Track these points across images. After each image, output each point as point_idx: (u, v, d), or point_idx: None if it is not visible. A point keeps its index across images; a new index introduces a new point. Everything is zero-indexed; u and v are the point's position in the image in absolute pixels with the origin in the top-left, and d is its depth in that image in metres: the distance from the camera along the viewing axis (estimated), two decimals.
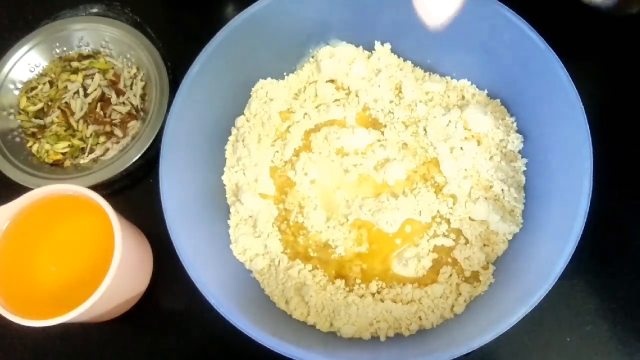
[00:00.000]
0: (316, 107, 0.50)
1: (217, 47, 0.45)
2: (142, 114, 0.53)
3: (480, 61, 0.48)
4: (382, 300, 0.44)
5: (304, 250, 0.46)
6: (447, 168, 0.46)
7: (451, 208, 0.45)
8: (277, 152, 0.49)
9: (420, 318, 0.43)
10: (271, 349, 0.38)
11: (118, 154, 0.51)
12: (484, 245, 0.45)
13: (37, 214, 0.43)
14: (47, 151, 0.52)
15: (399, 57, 0.51)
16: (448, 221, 0.45)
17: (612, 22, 0.54)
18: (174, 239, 0.41)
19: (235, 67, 0.47)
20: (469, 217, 0.45)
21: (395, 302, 0.43)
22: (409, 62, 0.51)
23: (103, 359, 0.47)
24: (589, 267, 0.47)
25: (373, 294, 0.44)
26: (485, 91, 0.49)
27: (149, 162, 0.51)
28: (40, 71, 0.55)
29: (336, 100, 0.50)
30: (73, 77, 0.53)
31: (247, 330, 0.38)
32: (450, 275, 0.44)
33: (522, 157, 0.47)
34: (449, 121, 0.47)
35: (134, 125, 0.52)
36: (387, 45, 0.50)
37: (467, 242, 0.45)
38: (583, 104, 0.41)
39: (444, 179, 0.46)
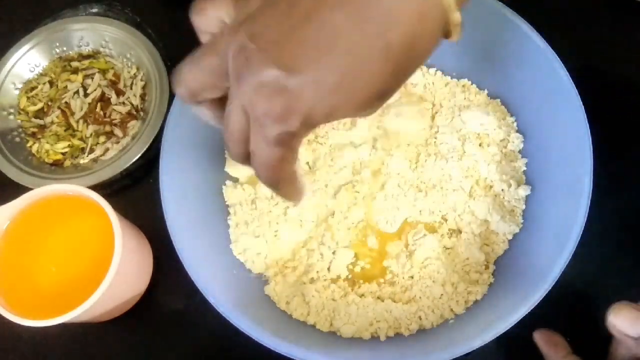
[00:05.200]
0: None
1: None
2: (142, 114, 0.53)
3: (480, 61, 0.48)
4: (382, 300, 0.44)
5: None
6: (447, 168, 0.46)
7: (451, 208, 0.45)
8: None
9: (420, 318, 0.43)
10: (271, 348, 0.38)
11: (118, 154, 0.51)
12: (484, 245, 0.45)
13: (37, 214, 0.43)
14: (47, 151, 0.52)
15: None
16: (448, 221, 0.45)
17: (613, 21, 0.54)
18: (174, 239, 0.41)
19: None
20: (469, 217, 0.45)
21: (395, 301, 0.43)
22: None
23: (103, 359, 0.47)
24: (589, 267, 0.47)
25: (373, 294, 0.44)
26: (486, 91, 0.49)
27: (149, 162, 0.51)
28: (40, 71, 0.55)
29: None
30: (73, 77, 0.53)
31: (247, 330, 0.38)
32: (450, 275, 0.44)
33: (522, 157, 0.47)
34: (449, 121, 0.47)
35: (134, 125, 0.52)
36: None
37: (467, 242, 0.45)
38: (583, 104, 0.41)
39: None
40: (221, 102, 0.29)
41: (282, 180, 0.29)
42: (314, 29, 0.24)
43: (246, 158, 0.28)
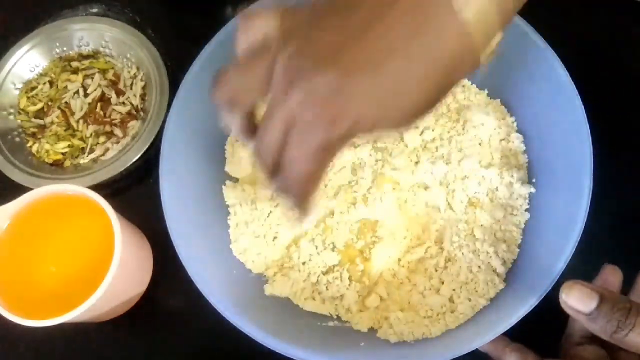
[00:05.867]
0: None
1: (217, 47, 0.45)
2: (142, 114, 0.53)
3: None
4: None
5: None
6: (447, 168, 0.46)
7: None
8: None
9: None
10: (271, 348, 0.38)
11: (118, 154, 0.51)
12: None
13: (37, 214, 0.43)
14: (47, 151, 0.52)
15: None
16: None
17: (613, 21, 0.54)
18: (174, 239, 0.41)
19: None
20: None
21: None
22: None
23: (103, 359, 0.47)
24: (589, 267, 0.47)
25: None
26: (486, 91, 0.49)
27: (149, 162, 0.51)
28: (40, 71, 0.55)
29: None
30: (73, 77, 0.53)
31: (247, 330, 0.38)
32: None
33: (522, 157, 0.47)
34: (449, 121, 0.47)
35: (134, 125, 0.52)
36: None
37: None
38: (583, 104, 0.41)
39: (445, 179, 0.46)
40: (252, 117, 0.30)
41: (309, 194, 0.29)
42: (374, 37, 0.24)
43: (275, 170, 0.28)
